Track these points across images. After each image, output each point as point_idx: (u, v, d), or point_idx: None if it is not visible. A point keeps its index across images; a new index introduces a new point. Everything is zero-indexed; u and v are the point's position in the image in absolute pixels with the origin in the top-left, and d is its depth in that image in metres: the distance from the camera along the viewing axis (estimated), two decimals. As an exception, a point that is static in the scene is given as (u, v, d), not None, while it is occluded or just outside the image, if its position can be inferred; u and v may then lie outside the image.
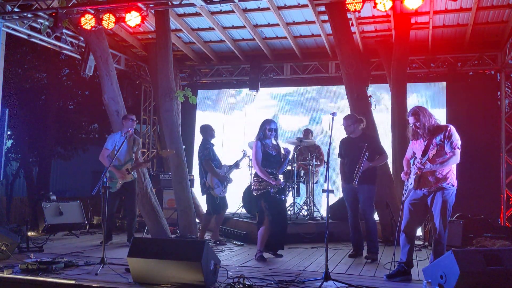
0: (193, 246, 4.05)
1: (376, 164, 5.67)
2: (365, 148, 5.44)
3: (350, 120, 5.76)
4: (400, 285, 4.32)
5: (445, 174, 4.35)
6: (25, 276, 4.25)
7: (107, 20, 6.17)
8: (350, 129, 5.73)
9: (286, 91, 10.21)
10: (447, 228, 4.38)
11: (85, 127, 14.16)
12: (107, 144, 6.31)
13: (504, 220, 8.08)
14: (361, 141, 5.59)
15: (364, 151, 5.43)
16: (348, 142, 5.82)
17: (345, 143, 5.87)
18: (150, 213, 6.75)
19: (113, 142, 6.30)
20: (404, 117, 7.84)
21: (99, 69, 6.95)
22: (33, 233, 7.39)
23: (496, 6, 7.32)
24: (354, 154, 5.58)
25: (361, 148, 5.47)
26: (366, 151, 5.43)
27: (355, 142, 5.69)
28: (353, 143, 5.71)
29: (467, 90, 9.02)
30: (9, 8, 6.77)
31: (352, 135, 5.76)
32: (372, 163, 5.55)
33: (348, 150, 5.76)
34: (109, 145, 6.29)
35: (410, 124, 4.51)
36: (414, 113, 4.45)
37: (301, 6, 7.68)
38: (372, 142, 5.74)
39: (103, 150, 6.31)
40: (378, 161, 5.72)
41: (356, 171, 5.44)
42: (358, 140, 5.67)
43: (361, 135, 5.76)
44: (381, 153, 5.76)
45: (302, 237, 6.84)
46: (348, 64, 7.20)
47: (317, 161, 7.91)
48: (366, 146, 5.46)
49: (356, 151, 5.55)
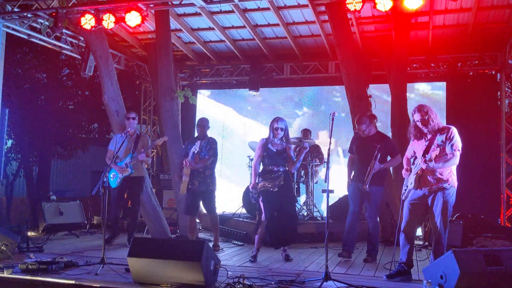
0: (193, 246, 4.06)
1: (387, 166, 5.50)
2: (378, 149, 5.21)
3: (364, 124, 5.47)
4: (400, 285, 4.32)
5: (445, 175, 4.35)
6: (25, 276, 4.25)
7: (107, 20, 6.16)
8: (367, 131, 5.49)
9: (285, 91, 10.20)
10: (448, 228, 4.39)
11: (85, 127, 14.12)
12: (109, 144, 6.50)
13: (504, 220, 8.08)
14: (374, 141, 5.34)
15: (376, 153, 5.20)
16: (361, 139, 5.58)
17: (357, 141, 5.64)
18: (150, 213, 6.74)
19: (113, 142, 6.38)
20: (404, 117, 7.85)
21: (99, 69, 6.94)
22: (33, 233, 7.39)
23: (496, 6, 7.32)
24: (366, 154, 5.34)
25: (373, 148, 5.23)
26: (378, 153, 5.21)
27: (368, 140, 5.45)
28: (365, 141, 5.48)
29: (467, 90, 9.02)
30: (9, 8, 6.77)
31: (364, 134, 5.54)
32: (383, 164, 5.34)
33: (360, 148, 5.53)
34: (111, 145, 6.43)
35: (416, 120, 4.42)
36: (421, 109, 4.41)
37: (301, 6, 7.68)
38: (386, 142, 5.48)
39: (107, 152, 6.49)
40: (390, 163, 5.51)
41: (368, 173, 5.22)
42: (371, 139, 5.43)
43: (375, 134, 5.53)
44: (394, 154, 5.50)
45: (302, 237, 6.84)
46: (348, 64, 7.20)
47: (317, 161, 7.90)
48: (378, 147, 5.22)
49: (368, 151, 5.32)
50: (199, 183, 6.05)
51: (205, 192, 6.12)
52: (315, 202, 7.87)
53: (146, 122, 10.79)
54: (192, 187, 6.05)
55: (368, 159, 5.30)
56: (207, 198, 6.18)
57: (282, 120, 5.41)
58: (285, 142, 5.43)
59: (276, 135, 5.34)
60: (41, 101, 12.79)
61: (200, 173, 6.06)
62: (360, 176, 5.41)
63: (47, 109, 12.51)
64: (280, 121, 5.36)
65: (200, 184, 6.06)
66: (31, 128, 12.25)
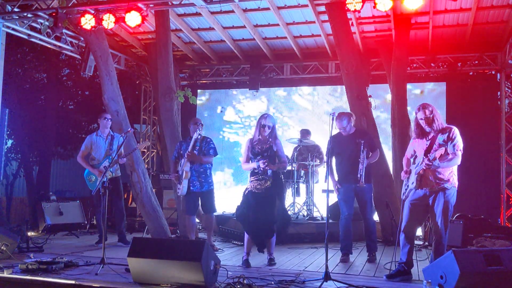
0: (193, 246, 4.05)
1: (371, 161, 5.45)
2: (363, 144, 5.19)
3: (346, 120, 5.40)
4: (400, 285, 4.32)
5: (446, 175, 4.35)
6: (25, 276, 4.24)
7: (107, 20, 6.17)
8: (348, 128, 5.44)
9: (285, 91, 10.20)
10: (448, 228, 4.39)
11: (85, 127, 14.14)
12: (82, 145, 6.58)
13: (504, 220, 8.08)
14: (357, 137, 5.31)
15: (362, 148, 5.17)
16: (342, 138, 5.48)
17: (338, 140, 5.46)
18: (150, 213, 6.74)
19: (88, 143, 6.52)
20: (404, 117, 7.85)
21: (99, 69, 6.94)
22: (33, 233, 7.39)
23: (496, 6, 7.32)
24: (352, 151, 5.30)
25: (359, 145, 5.20)
26: (364, 148, 5.19)
27: (350, 138, 5.39)
28: (348, 139, 5.42)
29: (467, 90, 9.03)
30: (9, 8, 6.76)
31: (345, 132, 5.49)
32: (368, 160, 5.32)
33: (343, 147, 5.43)
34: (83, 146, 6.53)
35: (420, 118, 4.40)
36: (425, 107, 4.39)
37: (301, 6, 7.68)
38: (368, 138, 5.44)
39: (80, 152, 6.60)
40: (372, 157, 5.49)
41: (361, 169, 5.17)
42: (354, 136, 5.38)
43: (355, 131, 5.50)
44: (375, 149, 5.51)
45: (302, 237, 6.84)
46: (348, 64, 7.20)
47: (316, 161, 7.91)
48: (363, 143, 5.19)
49: (353, 148, 5.28)
50: (200, 183, 6.03)
51: (207, 192, 6.10)
52: (315, 202, 7.87)
53: (146, 122, 10.79)
54: (193, 188, 6.03)
55: (355, 157, 5.25)
56: (209, 198, 6.14)
57: (270, 117, 5.09)
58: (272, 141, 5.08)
59: (263, 132, 5.02)
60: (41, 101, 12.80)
61: (201, 173, 6.04)
62: (349, 176, 5.32)
63: (47, 109, 12.52)
64: (268, 118, 5.04)
65: (201, 184, 6.03)
66: (31, 128, 12.26)
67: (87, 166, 6.44)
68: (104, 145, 6.48)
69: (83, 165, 6.48)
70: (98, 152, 6.47)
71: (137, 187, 6.73)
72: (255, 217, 5.01)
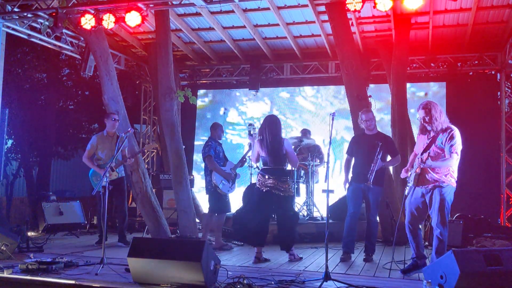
0: (193, 246, 4.05)
1: (388, 165, 5.53)
2: (380, 146, 5.24)
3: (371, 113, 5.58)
4: (400, 285, 4.32)
5: (443, 174, 4.40)
6: (25, 276, 4.24)
7: (107, 20, 6.17)
8: (373, 124, 5.53)
9: (289, 92, 10.20)
10: (447, 226, 4.43)
11: (85, 127, 14.15)
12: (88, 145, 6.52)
13: (504, 220, 8.09)
14: (377, 139, 5.38)
15: (379, 150, 5.23)
16: (363, 138, 5.60)
17: (359, 140, 5.64)
18: (150, 213, 6.74)
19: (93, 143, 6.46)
20: (404, 117, 7.86)
21: (99, 69, 6.94)
22: (33, 233, 7.40)
23: (496, 6, 7.32)
24: (368, 152, 5.36)
25: (376, 146, 5.25)
26: (381, 150, 5.24)
27: (370, 139, 5.46)
28: (368, 140, 5.48)
29: (467, 90, 9.03)
30: (9, 8, 6.77)
31: (368, 131, 5.56)
32: (384, 163, 5.40)
33: (362, 147, 5.52)
34: (89, 146, 6.47)
35: (419, 117, 4.47)
36: (425, 106, 4.43)
37: (301, 6, 7.68)
38: (388, 142, 5.53)
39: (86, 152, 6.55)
40: (390, 162, 5.56)
41: (372, 169, 5.23)
42: (374, 137, 5.45)
43: (377, 133, 5.58)
44: (395, 154, 5.56)
45: (302, 237, 6.84)
46: (348, 64, 7.19)
47: (317, 161, 7.90)
48: (380, 145, 5.25)
49: (370, 149, 5.33)
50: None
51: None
52: (315, 202, 7.87)
53: (146, 122, 10.79)
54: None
55: (370, 157, 5.31)
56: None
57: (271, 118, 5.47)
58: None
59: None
60: (41, 101, 12.80)
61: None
62: (361, 176, 5.40)
63: (47, 109, 12.53)
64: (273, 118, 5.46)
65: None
66: (31, 128, 12.27)
67: (92, 166, 6.40)
68: (111, 145, 6.42)
69: (88, 165, 6.42)
70: (104, 152, 6.41)
71: (137, 187, 6.73)
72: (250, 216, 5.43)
